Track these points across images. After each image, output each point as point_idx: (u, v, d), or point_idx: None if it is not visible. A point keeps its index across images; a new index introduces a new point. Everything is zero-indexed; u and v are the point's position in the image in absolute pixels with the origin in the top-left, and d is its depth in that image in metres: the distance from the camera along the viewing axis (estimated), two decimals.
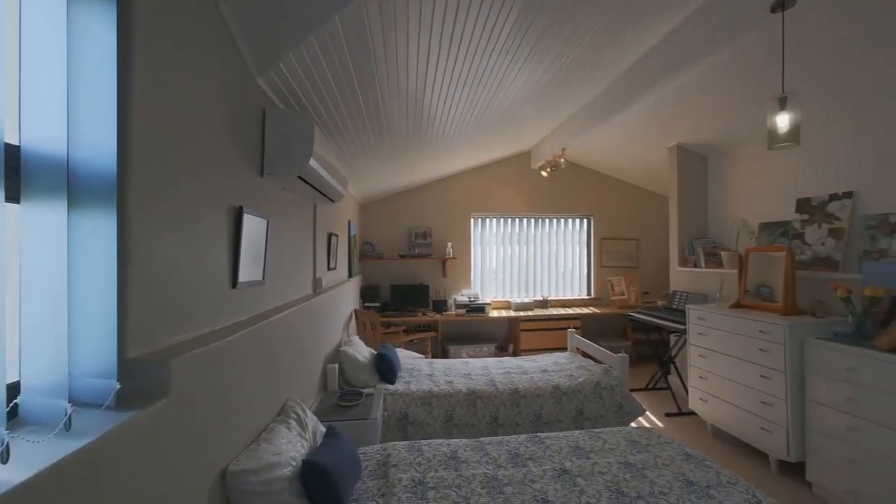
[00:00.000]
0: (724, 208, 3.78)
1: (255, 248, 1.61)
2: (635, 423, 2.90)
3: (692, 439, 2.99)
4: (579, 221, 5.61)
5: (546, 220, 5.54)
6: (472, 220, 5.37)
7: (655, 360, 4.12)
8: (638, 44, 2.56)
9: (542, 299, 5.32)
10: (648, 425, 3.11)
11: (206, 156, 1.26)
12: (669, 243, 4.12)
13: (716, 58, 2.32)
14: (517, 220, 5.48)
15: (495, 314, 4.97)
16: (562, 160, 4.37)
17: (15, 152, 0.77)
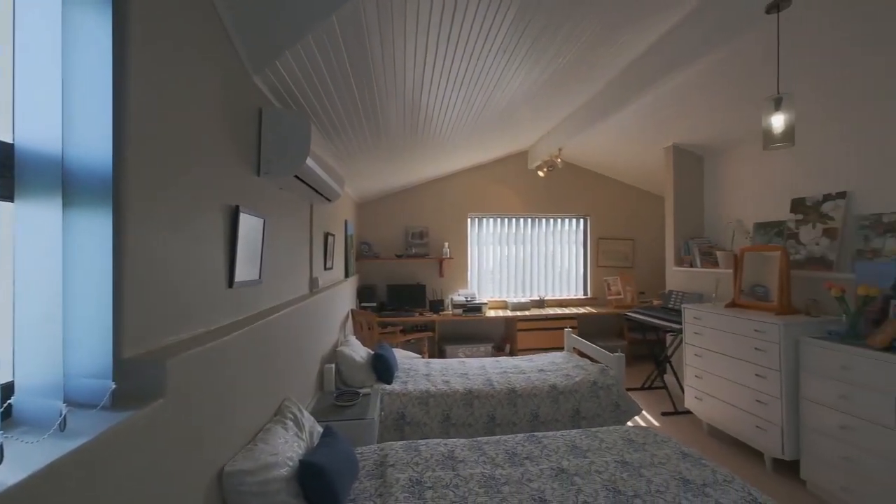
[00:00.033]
0: (720, 208, 3.80)
1: (252, 247, 1.61)
2: (632, 422, 2.91)
3: (688, 438, 3.00)
4: (576, 221, 5.63)
5: (543, 220, 5.55)
6: (468, 219, 5.38)
7: (651, 359, 4.15)
8: (634, 44, 2.57)
9: (538, 299, 5.33)
10: (645, 424, 3.12)
11: (202, 155, 1.25)
12: (665, 243, 4.14)
13: (712, 58, 2.33)
14: (514, 220, 5.49)
15: (492, 314, 4.97)
16: (558, 160, 4.38)
17: (8, 150, 0.76)
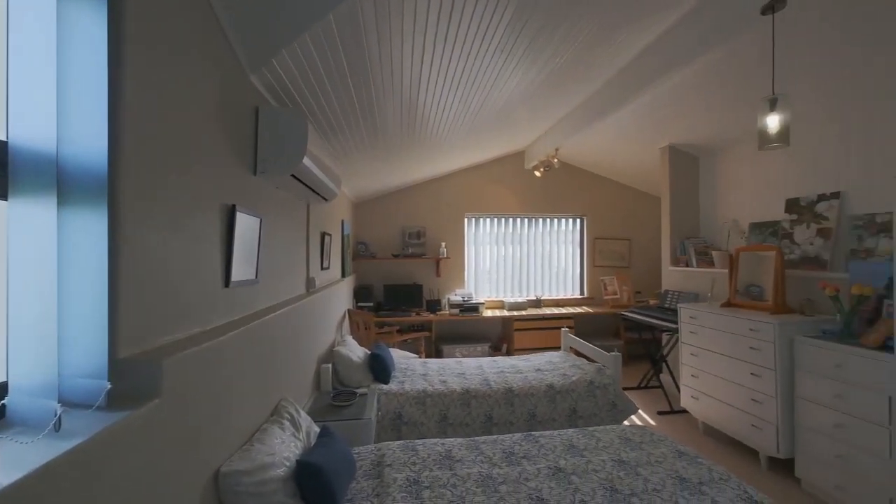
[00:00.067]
0: (716, 208, 3.83)
1: (248, 247, 1.60)
2: (628, 421, 2.92)
3: (684, 437, 3.02)
4: (572, 221, 5.64)
5: (539, 220, 5.56)
6: (465, 219, 5.38)
7: (648, 358, 4.16)
8: (631, 44, 2.58)
9: (535, 299, 5.34)
10: (641, 423, 3.13)
11: (198, 154, 1.24)
12: (661, 243, 4.16)
13: (708, 58, 2.34)
14: (511, 220, 5.49)
15: (489, 314, 4.98)
16: (555, 160, 4.39)
17: (2, 148, 0.75)
